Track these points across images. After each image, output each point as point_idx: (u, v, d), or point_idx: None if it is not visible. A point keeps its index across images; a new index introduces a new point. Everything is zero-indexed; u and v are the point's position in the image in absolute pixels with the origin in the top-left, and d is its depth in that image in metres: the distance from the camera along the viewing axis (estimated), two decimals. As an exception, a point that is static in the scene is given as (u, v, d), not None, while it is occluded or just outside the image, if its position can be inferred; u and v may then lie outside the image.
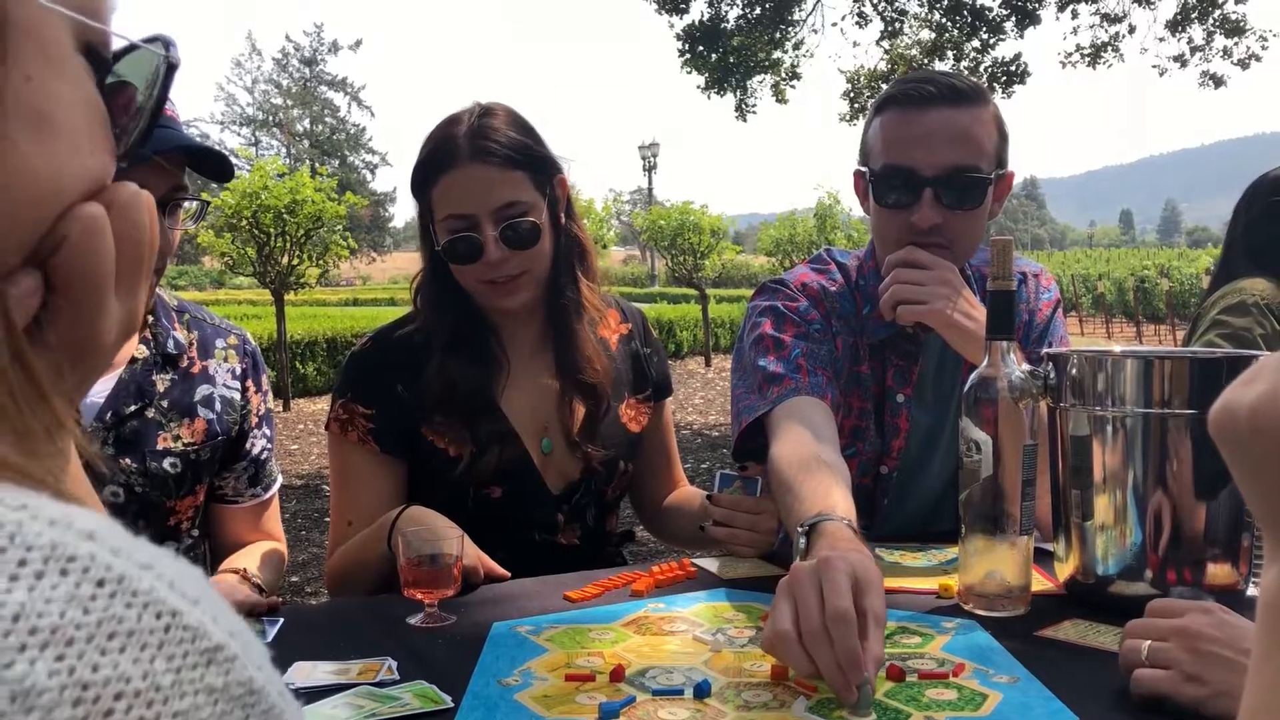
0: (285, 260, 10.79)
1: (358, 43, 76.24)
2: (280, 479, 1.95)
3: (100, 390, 1.66)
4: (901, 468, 1.86)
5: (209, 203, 1.82)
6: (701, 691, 1.11)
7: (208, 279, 49.32)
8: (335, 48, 75.87)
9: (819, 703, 1.09)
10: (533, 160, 1.72)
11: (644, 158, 51.92)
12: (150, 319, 1.73)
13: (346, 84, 75.26)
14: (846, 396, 1.82)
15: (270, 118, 74.24)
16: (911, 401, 1.84)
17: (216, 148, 1.68)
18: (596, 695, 1.11)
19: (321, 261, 11.17)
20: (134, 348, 1.70)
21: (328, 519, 5.98)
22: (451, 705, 1.09)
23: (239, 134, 73.78)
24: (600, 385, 1.81)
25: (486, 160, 1.67)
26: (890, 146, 1.73)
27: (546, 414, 1.81)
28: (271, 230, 10.52)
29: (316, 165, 11.72)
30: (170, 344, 1.74)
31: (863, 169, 1.81)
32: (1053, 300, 1.92)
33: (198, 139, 1.64)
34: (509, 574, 1.57)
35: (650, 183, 54.36)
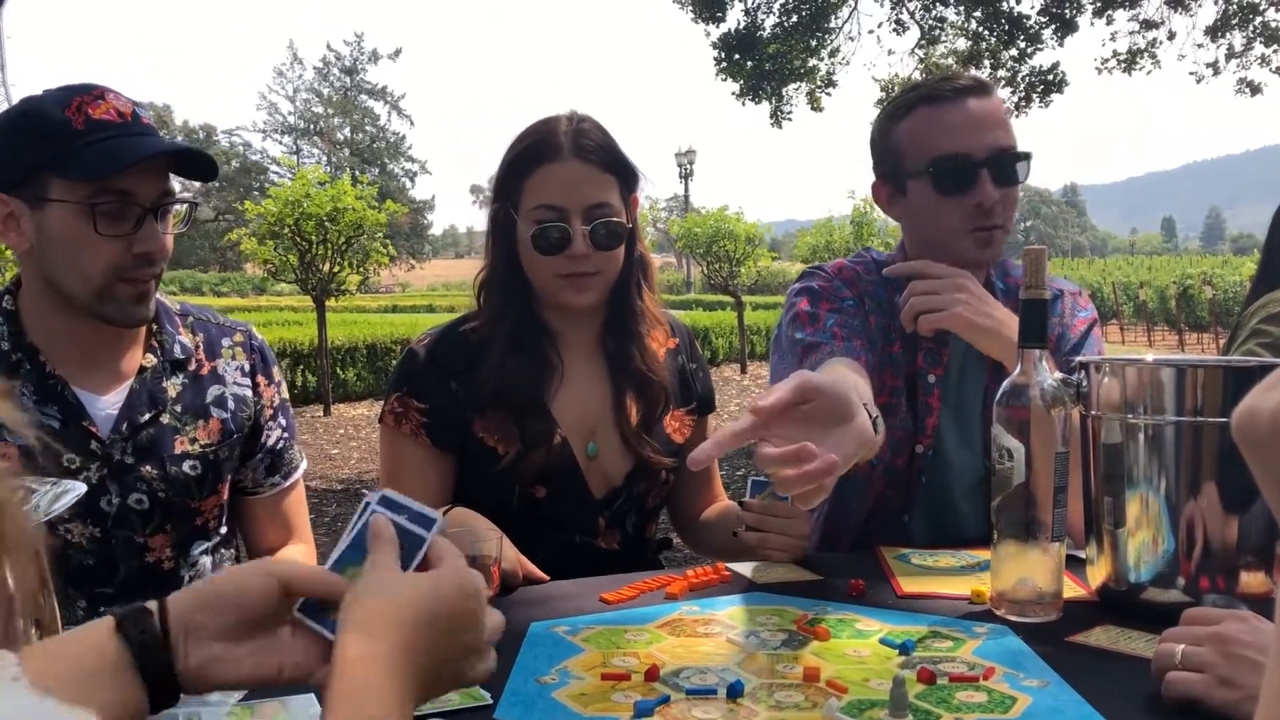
0: (326, 267, 10.92)
1: (397, 52, 76.94)
2: (303, 464, 1.95)
3: (114, 402, 1.68)
4: (936, 445, 1.90)
5: (197, 203, 1.84)
6: (734, 692, 1.13)
7: (250, 286, 49.94)
8: (375, 57, 76.61)
9: (850, 704, 1.11)
10: (623, 169, 1.80)
11: (680, 165, 51.97)
12: (154, 326, 1.75)
13: (386, 93, 75.97)
14: (879, 374, 1.86)
15: (311, 126, 75.08)
16: (943, 381, 1.90)
17: (195, 147, 1.68)
18: (632, 694, 1.14)
19: (362, 269, 11.28)
20: (141, 357, 1.72)
21: (367, 523, 6.06)
22: (490, 702, 1.12)
23: (280, 142, 74.71)
24: (660, 383, 1.87)
25: (586, 158, 1.75)
26: (939, 138, 1.80)
27: (594, 418, 1.85)
28: (313, 238, 10.65)
29: (357, 173, 11.88)
30: (177, 349, 1.76)
31: (890, 174, 1.88)
32: (1088, 319, 1.94)
33: (178, 142, 1.66)
34: (547, 577, 1.60)
35: (686, 190, 54.38)
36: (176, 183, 1.67)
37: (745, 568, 1.65)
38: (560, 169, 1.75)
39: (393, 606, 0.82)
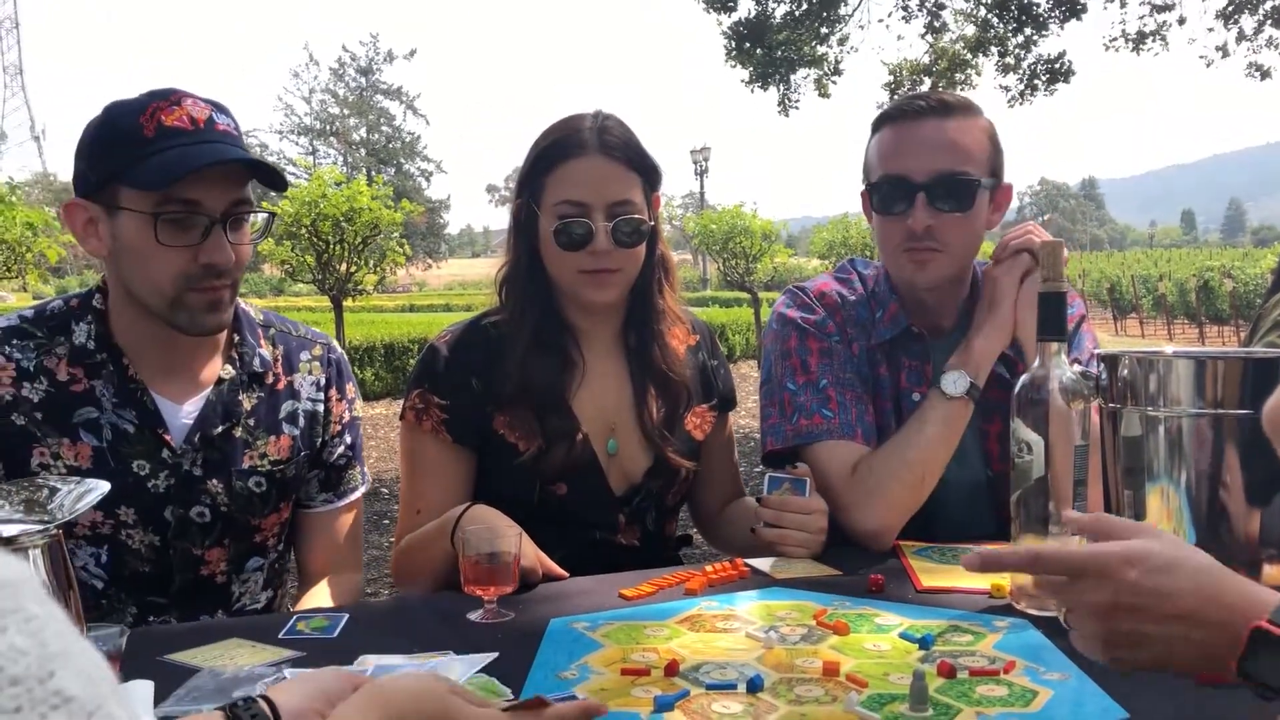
0: (343, 267, 10.94)
1: (412, 52, 76.98)
2: (364, 486, 1.92)
3: (190, 411, 1.69)
4: None
5: (275, 214, 1.83)
6: (754, 686, 1.14)
7: (268, 286, 50.12)
8: (391, 57, 76.67)
9: (870, 697, 1.11)
10: (646, 168, 1.81)
11: (695, 162, 51.94)
12: (236, 338, 1.75)
13: (402, 93, 76.02)
14: (869, 398, 1.89)
15: (327, 127, 75.20)
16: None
17: (268, 160, 1.67)
18: (652, 689, 1.14)
19: (378, 268, 11.31)
20: (221, 367, 1.72)
21: (386, 521, 6.08)
22: (512, 698, 1.13)
23: (297, 143, 74.86)
24: (681, 380, 1.88)
25: (610, 155, 1.76)
26: (886, 158, 1.83)
27: (614, 415, 1.85)
28: (330, 238, 10.68)
29: (373, 173, 11.91)
30: (256, 361, 1.75)
31: (866, 187, 1.90)
32: (1075, 315, 1.94)
33: (243, 153, 1.62)
34: (566, 574, 1.61)
35: (702, 186, 54.37)
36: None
37: (764, 563, 1.65)
38: (584, 165, 1.75)
39: (396, 689, 0.90)
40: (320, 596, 1.79)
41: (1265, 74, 12.99)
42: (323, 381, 1.83)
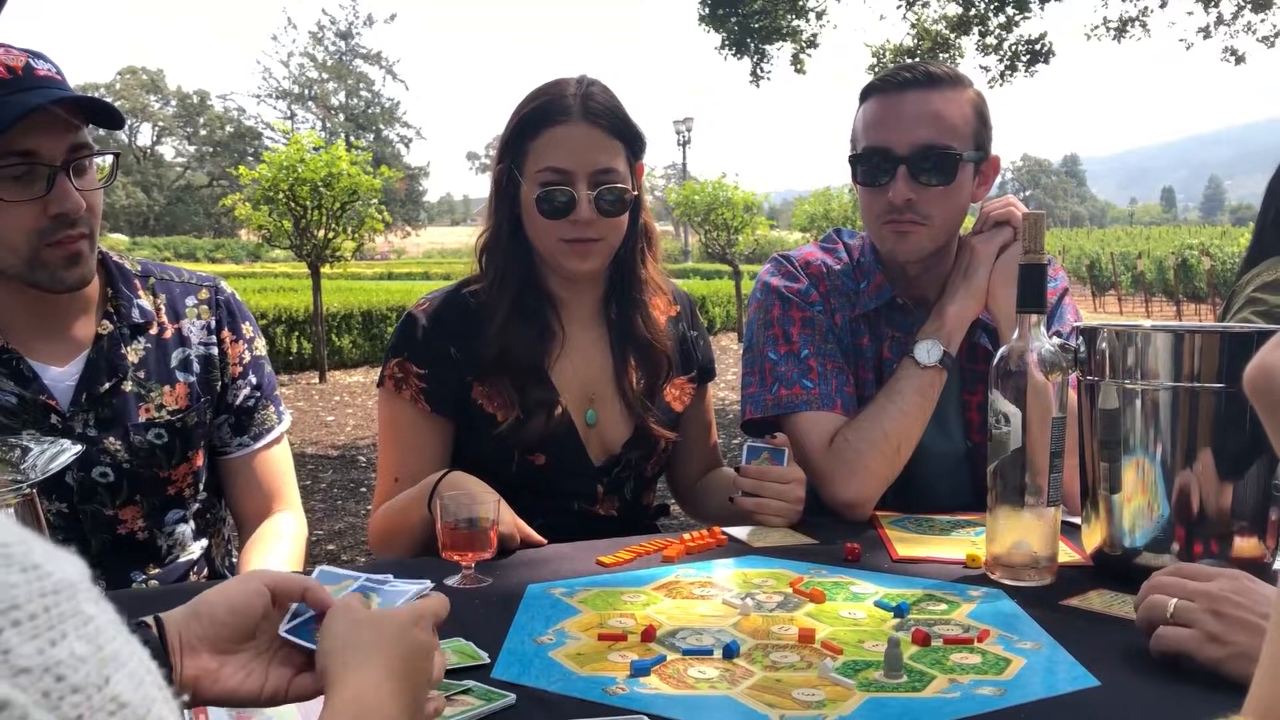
0: (321, 234, 10.86)
1: (392, 16, 76.19)
2: (282, 425, 1.87)
3: (71, 373, 1.64)
4: None
5: (119, 154, 1.73)
6: (730, 652, 1.14)
7: (244, 252, 49.71)
8: (370, 21, 75.83)
9: (845, 664, 1.12)
10: (631, 136, 1.79)
11: (678, 132, 51.70)
12: (110, 291, 1.69)
13: (381, 58, 75.21)
14: (851, 368, 1.90)
15: (306, 91, 74.42)
16: None
17: (86, 95, 1.57)
18: (628, 654, 1.15)
19: (357, 235, 11.22)
20: (97, 324, 1.67)
21: (363, 489, 6.06)
22: (488, 661, 1.13)
23: (275, 107, 74.09)
24: (662, 350, 1.87)
25: (595, 122, 1.73)
26: (869, 130, 1.82)
27: (594, 386, 1.85)
28: (308, 203, 10.59)
29: (352, 139, 11.77)
30: (135, 313, 1.70)
31: (851, 155, 1.90)
32: (1058, 289, 1.95)
33: (65, 92, 1.51)
34: (544, 541, 1.61)
35: (684, 158, 54.20)
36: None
37: (741, 532, 1.66)
38: (568, 131, 1.73)
39: (378, 624, 0.85)
40: (263, 541, 1.75)
41: (1240, 59, 13.08)
42: (213, 324, 1.79)
